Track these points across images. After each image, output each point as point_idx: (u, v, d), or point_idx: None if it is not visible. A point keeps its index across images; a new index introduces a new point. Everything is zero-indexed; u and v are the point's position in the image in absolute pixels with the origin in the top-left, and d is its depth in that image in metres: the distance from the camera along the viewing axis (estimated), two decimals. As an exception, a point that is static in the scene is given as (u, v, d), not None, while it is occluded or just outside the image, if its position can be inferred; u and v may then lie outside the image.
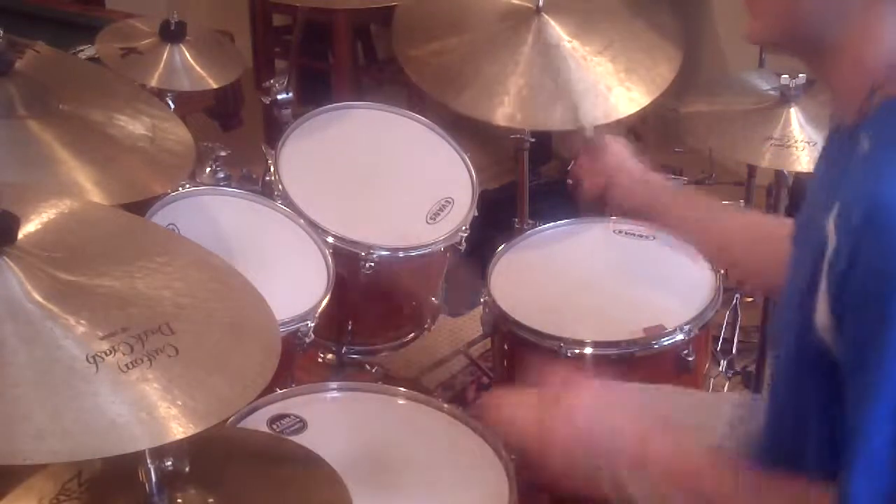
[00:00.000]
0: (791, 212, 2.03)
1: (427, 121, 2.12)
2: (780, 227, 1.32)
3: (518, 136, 2.19)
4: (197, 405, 0.97)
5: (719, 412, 1.42)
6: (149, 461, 1.09)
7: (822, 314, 0.94)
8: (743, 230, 1.51)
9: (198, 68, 2.06)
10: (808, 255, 0.98)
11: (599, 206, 1.71)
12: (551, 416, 1.19)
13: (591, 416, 1.19)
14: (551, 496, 1.67)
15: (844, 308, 0.92)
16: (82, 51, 2.42)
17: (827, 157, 1.13)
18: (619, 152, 1.64)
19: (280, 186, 1.90)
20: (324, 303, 1.73)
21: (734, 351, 2.44)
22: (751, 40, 1.07)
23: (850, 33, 0.99)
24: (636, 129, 3.08)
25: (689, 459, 1.13)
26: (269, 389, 1.47)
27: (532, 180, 2.34)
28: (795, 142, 2.00)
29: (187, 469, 1.14)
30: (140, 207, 1.61)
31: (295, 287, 1.74)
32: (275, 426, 1.46)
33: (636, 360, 1.71)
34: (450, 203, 1.99)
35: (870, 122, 0.98)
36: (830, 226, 0.94)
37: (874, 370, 0.89)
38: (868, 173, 0.93)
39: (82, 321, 0.99)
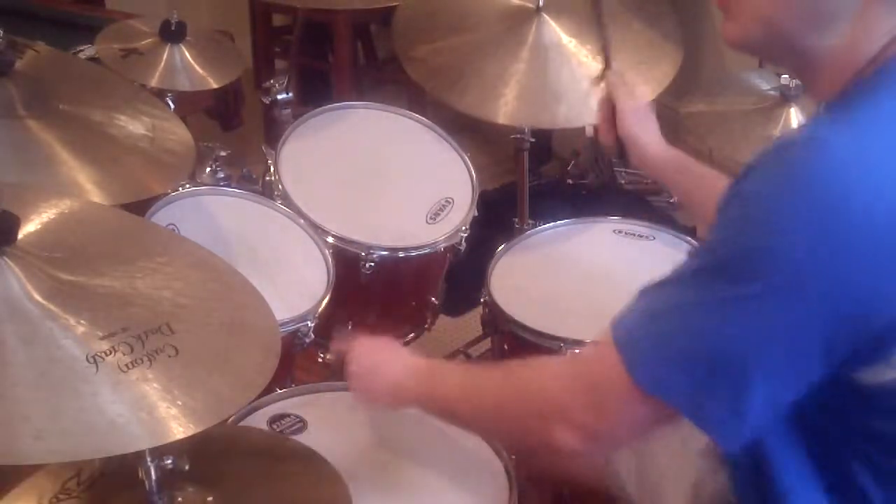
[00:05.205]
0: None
1: (427, 121, 2.12)
2: None
3: (518, 136, 2.19)
4: (197, 405, 0.97)
5: None
6: (149, 460, 1.09)
7: None
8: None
9: (198, 68, 2.06)
10: None
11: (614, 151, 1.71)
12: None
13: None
14: (552, 495, 1.67)
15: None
16: (82, 51, 2.42)
17: None
18: (634, 112, 1.65)
19: (280, 186, 1.90)
20: (324, 303, 1.73)
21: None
22: (728, 43, 1.04)
23: (837, 37, 0.98)
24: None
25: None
26: (269, 389, 1.47)
27: (532, 180, 2.34)
28: (795, 142, 1.99)
29: (187, 468, 1.14)
30: (140, 207, 1.61)
31: (295, 287, 1.74)
32: (275, 426, 1.46)
33: (636, 360, 1.71)
34: (450, 203, 1.99)
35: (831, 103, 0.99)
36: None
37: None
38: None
39: (82, 321, 0.99)
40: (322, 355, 2.07)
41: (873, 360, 0.92)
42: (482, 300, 1.87)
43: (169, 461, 1.11)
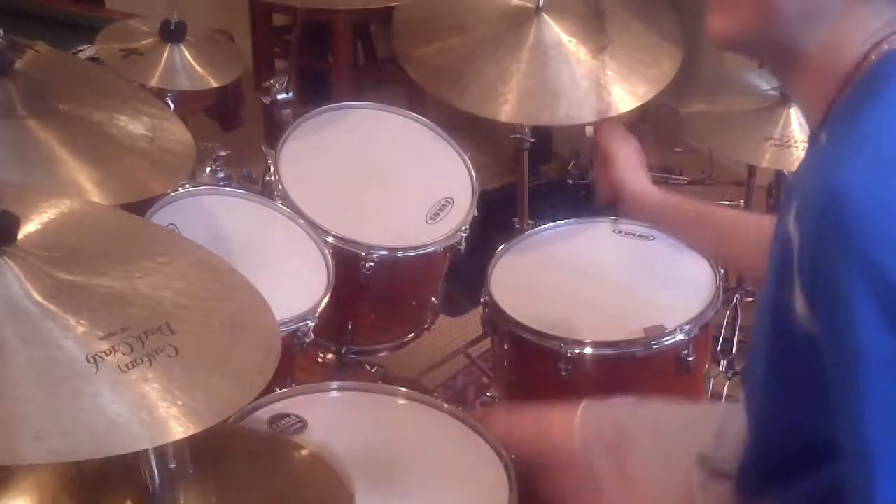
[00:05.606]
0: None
1: (427, 121, 2.12)
2: (764, 221, 1.37)
3: (518, 136, 2.19)
4: (197, 405, 0.97)
5: (708, 422, 1.41)
6: (152, 460, 1.09)
7: (800, 308, 0.94)
8: (734, 224, 1.53)
9: (198, 68, 2.06)
10: (777, 257, 0.98)
11: (612, 206, 1.72)
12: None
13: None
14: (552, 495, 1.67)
15: (815, 300, 0.91)
16: (82, 51, 2.43)
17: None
18: (627, 163, 1.64)
19: (280, 186, 1.90)
20: (324, 303, 1.73)
21: (734, 351, 2.44)
22: (712, 40, 1.02)
23: (823, 37, 0.97)
24: (636, 128, 3.08)
25: None
26: (269, 389, 1.47)
27: (532, 180, 2.34)
28: (795, 142, 2.00)
29: (190, 470, 1.14)
30: (140, 207, 1.61)
31: (295, 287, 1.74)
32: (275, 426, 1.46)
33: (636, 360, 1.72)
34: (450, 203, 1.99)
35: (829, 120, 0.97)
36: (791, 225, 0.94)
37: (854, 363, 0.88)
38: (822, 167, 0.93)
39: (82, 321, 0.99)
40: (322, 355, 2.08)
41: None
42: (482, 300, 1.87)
43: (172, 464, 1.11)
